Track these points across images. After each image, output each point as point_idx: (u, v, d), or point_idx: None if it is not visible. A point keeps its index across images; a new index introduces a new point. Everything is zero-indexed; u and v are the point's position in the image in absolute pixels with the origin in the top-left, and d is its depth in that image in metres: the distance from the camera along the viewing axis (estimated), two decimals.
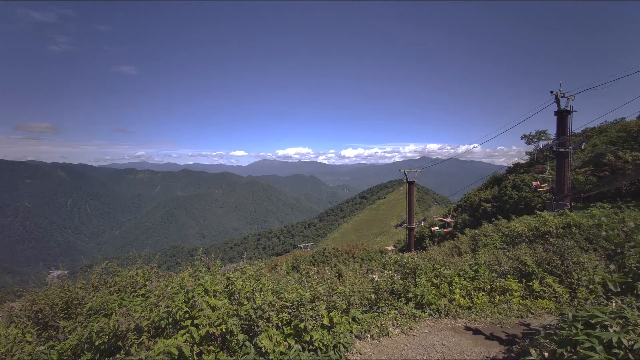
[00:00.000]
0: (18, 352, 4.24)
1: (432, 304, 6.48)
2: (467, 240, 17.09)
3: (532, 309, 6.58)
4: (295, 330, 4.45)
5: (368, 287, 6.59)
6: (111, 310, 4.50)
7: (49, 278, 6.71)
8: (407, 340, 5.46)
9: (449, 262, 8.56)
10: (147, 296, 4.98)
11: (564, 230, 12.88)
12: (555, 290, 7.00)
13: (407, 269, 7.39)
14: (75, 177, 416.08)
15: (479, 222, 21.94)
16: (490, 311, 6.46)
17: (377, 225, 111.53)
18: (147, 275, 5.72)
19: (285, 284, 5.58)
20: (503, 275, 7.48)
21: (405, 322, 6.00)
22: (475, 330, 5.83)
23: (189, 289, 4.25)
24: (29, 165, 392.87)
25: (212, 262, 5.91)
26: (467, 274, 7.32)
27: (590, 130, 39.55)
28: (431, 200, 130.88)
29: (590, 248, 11.05)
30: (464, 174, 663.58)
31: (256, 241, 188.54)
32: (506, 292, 6.95)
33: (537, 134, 44.74)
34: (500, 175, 44.57)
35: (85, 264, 6.62)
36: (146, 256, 6.64)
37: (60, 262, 7.91)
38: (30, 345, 4.37)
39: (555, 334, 4.06)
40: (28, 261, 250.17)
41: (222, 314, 4.09)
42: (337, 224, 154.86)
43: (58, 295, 5.20)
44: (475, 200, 41.69)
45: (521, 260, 7.54)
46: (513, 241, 13.63)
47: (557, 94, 24.84)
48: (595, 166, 29.70)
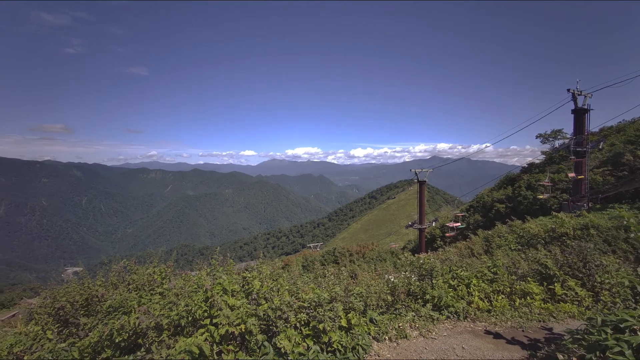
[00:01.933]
0: (38, 350, 4.27)
1: (450, 307, 6.34)
2: (480, 242, 16.77)
3: (555, 313, 6.38)
4: (314, 331, 4.40)
5: (384, 288, 6.50)
6: (130, 308, 4.53)
7: (64, 275, 6.82)
8: (426, 343, 5.35)
9: (466, 263, 8.39)
10: (164, 294, 5.01)
11: (582, 231, 12.51)
12: (577, 293, 6.79)
13: (423, 270, 7.26)
14: (90, 176, 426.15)
15: (492, 223, 21.50)
16: (510, 315, 6.28)
17: (387, 225, 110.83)
18: (163, 273, 5.76)
19: (302, 284, 5.54)
20: (523, 277, 7.28)
21: (423, 324, 5.89)
22: (495, 334, 5.68)
23: (208, 288, 4.25)
24: (46, 165, 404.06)
25: (227, 261, 5.91)
26: (486, 276, 7.15)
27: (608, 129, 38.51)
28: (442, 201, 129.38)
29: (609, 250, 10.70)
30: (475, 174, 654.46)
31: (265, 240, 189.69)
32: (527, 295, 6.76)
33: (552, 133, 43.74)
34: (514, 175, 43.67)
35: (104, 262, 6.71)
36: (162, 254, 6.69)
37: (78, 260, 8.04)
38: (51, 342, 4.41)
39: (583, 338, 3.92)
40: (44, 258, 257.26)
41: (241, 314, 4.07)
42: (346, 224, 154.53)
43: (78, 293, 5.26)
44: (488, 200, 40.95)
45: (542, 262, 7.32)
46: (528, 243, 13.31)
47: (573, 91, 24.23)
48: (614, 166, 28.86)
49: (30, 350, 4.33)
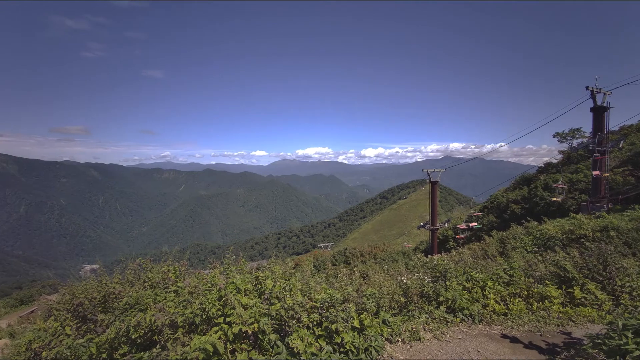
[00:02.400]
0: (57, 346, 4.37)
1: (465, 309, 6.22)
2: (495, 243, 16.44)
3: (574, 317, 6.19)
4: (326, 332, 4.39)
5: (397, 290, 6.43)
6: (146, 305, 4.61)
7: (82, 272, 7.00)
8: (440, 346, 5.26)
9: (481, 265, 8.23)
10: (179, 292, 5.08)
11: (601, 233, 12.14)
12: (597, 297, 6.58)
13: (437, 271, 7.15)
14: (106, 176, 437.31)
15: (507, 225, 21.02)
16: (528, 318, 6.12)
17: (398, 225, 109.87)
18: (178, 272, 5.85)
19: (314, 285, 5.53)
20: (540, 280, 7.09)
21: (437, 326, 5.79)
22: (512, 338, 5.55)
23: (221, 287, 4.28)
24: (64, 165, 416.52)
25: (240, 260, 5.95)
26: (501, 278, 6.98)
27: (628, 127, 37.25)
28: (454, 201, 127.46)
29: (630, 253, 10.34)
30: (489, 174, 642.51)
31: (276, 240, 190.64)
32: (545, 298, 6.57)
33: (570, 131, 42.54)
34: (530, 175, 42.64)
35: (120, 260, 6.85)
36: (176, 253, 6.79)
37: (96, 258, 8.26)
38: (69, 338, 4.51)
39: (603, 343, 3.83)
40: (63, 256, 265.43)
41: (254, 313, 4.10)
42: (357, 224, 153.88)
43: (96, 290, 5.39)
44: (503, 201, 40.08)
45: (560, 265, 7.12)
46: (545, 245, 13.00)
47: (592, 89, 23.54)
48: (634, 166, 27.90)
49: (48, 346, 4.43)
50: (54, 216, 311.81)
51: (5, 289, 70.64)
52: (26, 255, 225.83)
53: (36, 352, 4.48)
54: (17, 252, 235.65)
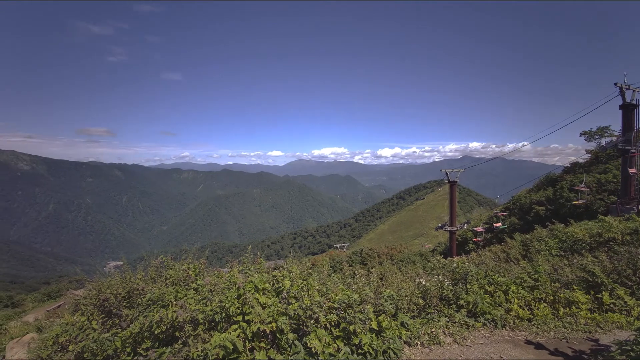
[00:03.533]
0: (83, 340, 4.54)
1: (487, 314, 6.04)
2: (517, 246, 15.90)
3: (602, 324, 5.91)
4: (344, 333, 4.36)
5: (416, 292, 6.31)
6: (168, 302, 4.72)
7: (107, 268, 7.26)
8: (461, 351, 5.13)
9: (503, 268, 7.97)
10: (199, 290, 5.18)
11: (631, 236, 11.55)
12: (626, 302, 6.27)
13: (457, 274, 6.98)
14: (129, 176, 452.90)
15: (530, 227, 20.28)
16: (553, 324, 5.88)
17: (415, 226, 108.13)
18: (198, 270, 5.97)
19: (331, 285, 5.51)
20: (567, 285, 6.80)
21: (457, 330, 5.65)
22: (537, 344, 5.34)
23: (240, 285, 4.34)
24: (90, 166, 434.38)
25: (258, 260, 6.01)
26: (526, 282, 6.73)
27: None
28: (474, 202, 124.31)
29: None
30: (510, 174, 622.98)
31: (292, 240, 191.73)
32: (571, 304, 6.30)
33: (598, 130, 40.62)
34: (555, 175, 40.94)
35: (143, 257, 7.06)
36: (196, 252, 6.94)
37: (120, 255, 8.54)
38: (96, 332, 4.68)
39: (632, 349, 3.71)
40: (89, 252, 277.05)
41: (272, 312, 4.12)
42: (373, 225, 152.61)
43: (121, 285, 5.57)
44: (526, 202, 38.68)
45: (588, 269, 6.81)
46: (571, 248, 12.47)
47: (621, 86, 22.47)
48: None
49: (75, 340, 4.60)
50: (81, 214, 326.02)
51: (33, 284, 74.30)
52: (54, 252, 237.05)
53: (63, 346, 4.67)
54: (46, 249, 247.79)
